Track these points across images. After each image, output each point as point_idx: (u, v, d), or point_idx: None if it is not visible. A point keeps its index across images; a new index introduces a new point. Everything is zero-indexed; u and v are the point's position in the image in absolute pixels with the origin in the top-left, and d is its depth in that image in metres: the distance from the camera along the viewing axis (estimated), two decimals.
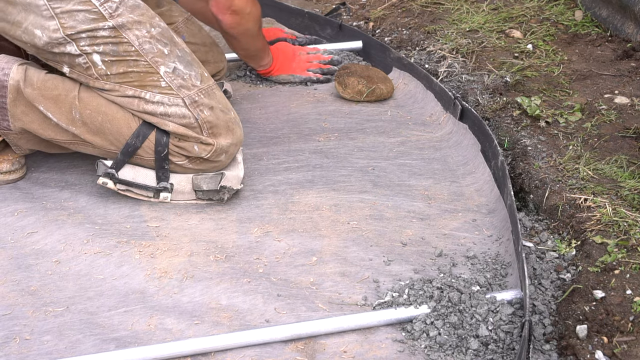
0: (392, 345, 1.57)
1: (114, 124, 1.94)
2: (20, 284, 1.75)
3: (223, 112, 1.98)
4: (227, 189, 1.97)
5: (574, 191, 1.92)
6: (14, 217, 1.97)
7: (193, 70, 1.96)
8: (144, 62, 1.90)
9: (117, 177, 1.95)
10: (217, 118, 1.96)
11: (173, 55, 1.94)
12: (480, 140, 2.23)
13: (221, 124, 1.96)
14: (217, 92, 2.00)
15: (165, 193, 1.99)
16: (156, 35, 1.92)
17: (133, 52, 1.89)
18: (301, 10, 3.18)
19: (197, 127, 1.94)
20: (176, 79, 1.92)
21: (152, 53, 1.91)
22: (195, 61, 2.00)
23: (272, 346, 1.57)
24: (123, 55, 1.89)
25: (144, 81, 1.91)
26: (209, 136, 1.95)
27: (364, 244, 1.88)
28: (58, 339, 1.59)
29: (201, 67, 2.01)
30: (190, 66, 1.97)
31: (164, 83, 1.91)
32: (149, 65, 1.90)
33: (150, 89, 1.91)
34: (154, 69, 1.91)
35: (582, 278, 1.66)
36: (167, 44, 1.93)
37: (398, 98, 2.61)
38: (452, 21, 3.00)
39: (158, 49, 1.91)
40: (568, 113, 2.30)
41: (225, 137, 1.97)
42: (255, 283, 1.75)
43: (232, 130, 1.99)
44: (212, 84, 2.00)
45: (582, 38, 2.80)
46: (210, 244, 1.89)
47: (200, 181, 1.99)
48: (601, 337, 1.49)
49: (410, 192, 2.09)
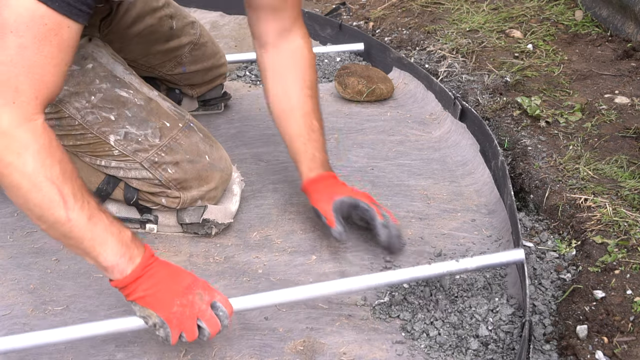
0: (392, 346, 1.56)
1: (82, 172, 1.76)
2: (19, 283, 1.75)
3: (192, 162, 1.81)
4: (211, 222, 1.87)
5: (574, 191, 1.92)
6: (14, 217, 1.97)
7: (149, 127, 1.78)
8: (90, 134, 1.76)
9: None
10: (185, 172, 1.80)
11: (122, 118, 1.76)
12: (480, 141, 2.22)
13: (190, 176, 1.81)
14: (183, 140, 1.81)
15: (151, 225, 1.90)
16: (98, 103, 1.75)
17: (77, 125, 1.75)
18: (301, 10, 3.17)
19: (162, 185, 1.81)
20: (129, 145, 1.77)
21: (98, 123, 1.75)
22: (153, 113, 1.80)
23: (272, 346, 1.57)
24: (68, 129, 1.76)
25: (96, 151, 1.79)
26: (177, 190, 1.82)
27: (363, 244, 1.88)
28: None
29: (161, 118, 1.80)
30: (145, 124, 1.78)
31: (116, 152, 1.77)
32: (96, 137, 1.76)
33: (105, 158, 1.79)
34: (102, 139, 1.76)
35: (582, 278, 1.66)
36: (113, 109, 1.76)
37: (398, 98, 2.61)
38: (452, 21, 3.00)
39: (103, 117, 1.75)
40: (568, 113, 2.30)
41: (197, 188, 1.83)
42: (254, 282, 1.75)
43: (206, 178, 1.83)
44: (175, 134, 1.80)
45: (582, 38, 2.80)
46: (209, 244, 1.89)
47: (183, 213, 1.87)
48: (601, 337, 1.49)
49: (410, 192, 2.09)
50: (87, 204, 1.40)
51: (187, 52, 2.26)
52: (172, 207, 1.85)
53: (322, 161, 1.88)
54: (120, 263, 1.42)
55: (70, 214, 1.37)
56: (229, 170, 1.92)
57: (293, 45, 1.90)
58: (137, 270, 1.42)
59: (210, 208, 1.87)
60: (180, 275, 1.47)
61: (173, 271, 1.47)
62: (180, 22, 2.24)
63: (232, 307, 1.47)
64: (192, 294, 1.45)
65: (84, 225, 1.38)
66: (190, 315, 1.43)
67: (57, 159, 1.37)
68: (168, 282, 1.44)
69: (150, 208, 1.88)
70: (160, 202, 1.85)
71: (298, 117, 1.88)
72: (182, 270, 1.49)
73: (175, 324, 1.42)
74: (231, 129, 2.40)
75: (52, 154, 1.37)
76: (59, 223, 1.37)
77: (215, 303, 1.46)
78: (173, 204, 1.85)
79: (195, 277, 1.49)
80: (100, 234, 1.40)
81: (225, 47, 3.04)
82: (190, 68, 2.28)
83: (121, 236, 1.43)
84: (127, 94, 1.79)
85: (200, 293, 1.45)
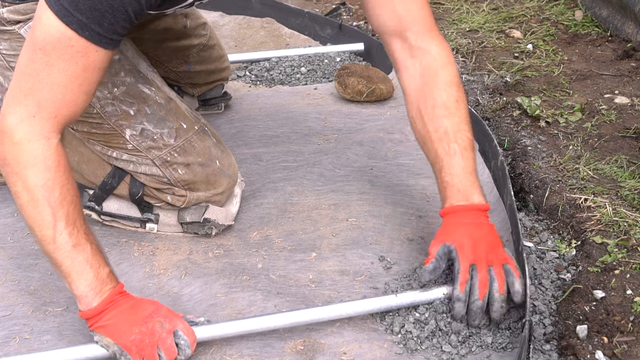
0: (391, 346, 1.56)
1: (89, 165, 1.84)
2: (20, 284, 1.75)
3: (203, 166, 1.82)
4: (212, 222, 1.87)
5: (574, 191, 1.92)
6: (14, 217, 1.97)
7: (166, 127, 1.79)
8: (107, 125, 1.75)
9: (98, 209, 1.89)
10: (195, 175, 1.81)
11: (141, 114, 1.76)
12: (480, 140, 2.22)
13: (199, 179, 1.82)
14: (197, 143, 1.82)
15: (151, 224, 1.91)
16: (120, 95, 1.74)
17: (95, 114, 1.74)
18: (301, 10, 3.18)
19: (170, 183, 1.82)
20: (144, 141, 1.77)
21: (116, 116, 1.74)
22: (172, 113, 1.81)
23: (272, 346, 1.57)
24: (85, 116, 1.74)
25: (110, 142, 1.79)
26: (185, 190, 1.83)
27: (363, 241, 1.88)
28: (58, 339, 1.59)
29: (179, 119, 1.81)
30: (163, 122, 1.78)
31: (130, 146, 1.77)
32: (112, 129, 1.76)
33: (117, 149, 1.79)
34: (118, 132, 1.76)
35: (582, 278, 1.66)
36: (134, 103, 1.76)
37: (398, 98, 2.61)
38: (452, 21, 3.01)
39: (122, 111, 1.74)
40: (568, 113, 2.30)
41: (205, 190, 1.84)
42: (254, 280, 1.75)
43: (214, 182, 1.84)
44: (190, 136, 1.81)
45: (582, 38, 2.80)
46: (209, 242, 1.89)
47: (185, 212, 1.88)
48: (601, 337, 1.49)
49: (409, 191, 2.09)
50: (76, 230, 1.44)
51: (195, 52, 2.28)
52: (177, 206, 1.85)
53: None
54: (89, 295, 1.46)
55: (57, 236, 1.42)
56: (235, 177, 1.92)
57: (424, 62, 1.70)
58: (102, 305, 1.46)
59: (211, 208, 1.87)
60: (143, 305, 1.50)
61: (136, 302, 1.50)
62: (193, 22, 2.26)
63: (195, 336, 1.50)
64: (152, 322, 1.47)
65: (67, 252, 1.43)
66: (150, 342, 1.45)
67: (59, 183, 1.42)
68: (129, 312, 1.47)
69: (152, 206, 1.88)
70: (165, 199, 1.85)
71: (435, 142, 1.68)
72: (147, 301, 1.52)
73: (135, 351, 1.45)
74: (231, 129, 2.41)
75: (57, 177, 1.42)
76: (45, 241, 1.43)
77: (177, 332, 1.48)
78: (178, 202, 1.85)
79: (159, 306, 1.51)
80: (79, 263, 1.44)
81: (225, 47, 3.03)
82: (195, 68, 2.29)
83: (99, 271, 1.46)
84: (149, 91, 1.79)
85: (160, 321, 1.48)
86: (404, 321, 1.60)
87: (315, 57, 2.88)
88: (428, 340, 1.56)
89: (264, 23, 3.22)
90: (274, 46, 3.07)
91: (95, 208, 1.89)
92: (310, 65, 2.85)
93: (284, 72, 2.81)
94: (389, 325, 1.61)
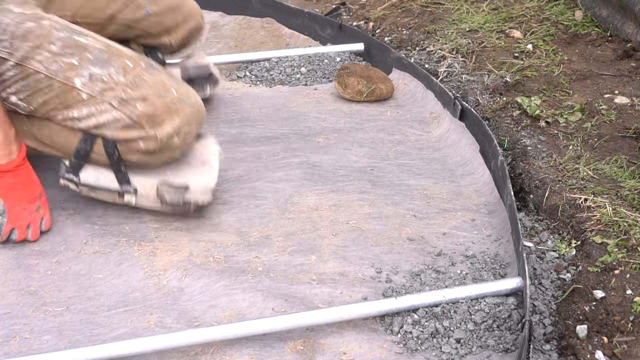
0: (391, 346, 1.56)
1: (60, 135, 1.87)
2: (20, 284, 1.75)
3: (160, 97, 1.82)
4: (191, 203, 1.90)
5: (574, 191, 1.92)
6: None
7: (112, 67, 1.82)
8: (57, 83, 1.79)
9: (76, 180, 1.91)
10: (155, 106, 1.81)
11: (84, 61, 1.80)
12: (480, 140, 2.23)
13: (160, 110, 1.82)
14: (147, 76, 1.84)
15: (129, 196, 1.92)
16: (59, 50, 1.79)
17: (43, 78, 1.79)
18: (301, 10, 3.18)
19: (135, 125, 1.82)
20: (96, 85, 1.80)
21: (62, 70, 1.79)
22: (114, 55, 1.84)
23: (272, 346, 1.57)
24: (35, 85, 1.79)
25: (67, 101, 1.81)
26: (151, 128, 1.82)
27: (363, 242, 1.88)
28: (58, 339, 1.59)
29: (122, 58, 1.85)
30: (108, 64, 1.82)
31: (84, 95, 1.80)
32: (62, 83, 1.79)
33: (75, 106, 1.82)
34: (69, 85, 1.79)
35: (582, 278, 1.66)
36: (74, 54, 1.80)
37: (398, 98, 2.61)
38: (452, 21, 3.01)
39: (66, 63, 1.79)
40: (568, 113, 2.30)
41: (169, 121, 1.83)
42: (254, 281, 1.75)
43: (176, 111, 1.84)
44: (139, 71, 1.84)
45: (582, 38, 2.80)
46: (209, 243, 1.89)
47: (164, 192, 1.89)
48: (601, 337, 1.49)
49: (410, 191, 2.09)
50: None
51: None
52: (152, 150, 1.85)
53: None
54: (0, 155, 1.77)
55: None
56: (200, 107, 1.91)
57: None
58: (9, 165, 1.79)
59: (192, 188, 1.89)
60: (34, 185, 1.86)
61: (31, 180, 1.85)
62: None
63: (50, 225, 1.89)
64: (35, 203, 1.85)
65: None
66: (26, 218, 1.84)
67: None
68: (24, 186, 1.84)
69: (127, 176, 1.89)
70: (138, 148, 1.84)
71: None
72: (37, 182, 1.87)
73: (13, 217, 1.83)
74: (231, 128, 2.41)
75: None
76: None
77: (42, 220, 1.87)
78: (151, 146, 1.84)
79: (43, 192, 1.88)
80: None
81: (225, 47, 3.04)
82: (152, 8, 2.19)
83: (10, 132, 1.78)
84: (86, 40, 1.84)
85: (39, 205, 1.86)
86: (403, 321, 1.60)
87: (315, 57, 2.88)
88: (428, 340, 1.56)
89: (264, 23, 3.22)
90: (274, 46, 3.07)
91: (73, 179, 1.90)
92: (310, 65, 2.85)
93: (284, 72, 2.81)
94: (388, 325, 1.61)
